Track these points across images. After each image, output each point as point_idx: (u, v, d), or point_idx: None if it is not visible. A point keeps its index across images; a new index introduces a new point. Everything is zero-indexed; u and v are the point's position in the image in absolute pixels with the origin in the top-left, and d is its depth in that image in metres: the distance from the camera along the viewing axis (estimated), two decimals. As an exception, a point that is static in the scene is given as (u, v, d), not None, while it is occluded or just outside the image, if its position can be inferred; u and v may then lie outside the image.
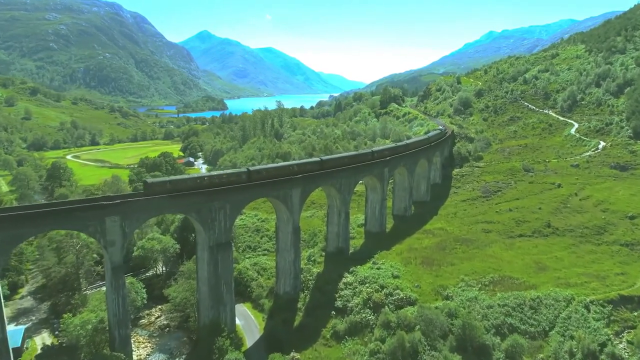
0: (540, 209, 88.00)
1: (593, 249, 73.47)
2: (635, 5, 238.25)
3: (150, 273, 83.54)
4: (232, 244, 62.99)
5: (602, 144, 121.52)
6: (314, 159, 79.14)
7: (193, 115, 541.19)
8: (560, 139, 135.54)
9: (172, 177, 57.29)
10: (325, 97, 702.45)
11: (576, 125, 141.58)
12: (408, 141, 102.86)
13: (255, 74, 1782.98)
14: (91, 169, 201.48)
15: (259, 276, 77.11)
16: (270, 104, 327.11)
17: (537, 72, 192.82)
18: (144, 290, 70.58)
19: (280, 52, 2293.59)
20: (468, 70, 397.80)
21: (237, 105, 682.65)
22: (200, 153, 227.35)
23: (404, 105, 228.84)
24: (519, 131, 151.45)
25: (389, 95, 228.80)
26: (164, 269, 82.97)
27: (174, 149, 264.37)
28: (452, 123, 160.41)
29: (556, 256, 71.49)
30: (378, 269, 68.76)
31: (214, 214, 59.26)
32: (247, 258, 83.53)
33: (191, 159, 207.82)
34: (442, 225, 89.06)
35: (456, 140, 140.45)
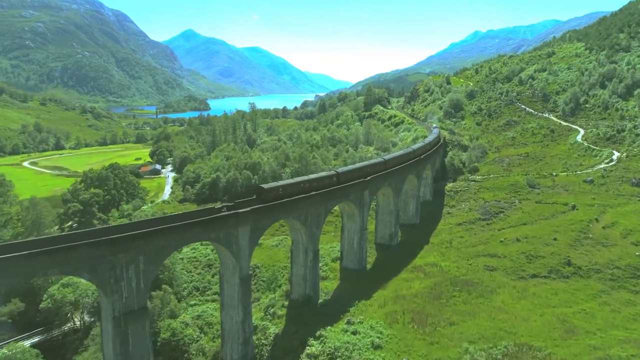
0: (555, 239, 71.53)
1: (631, 298, 57.16)
2: (629, 2, 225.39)
3: (67, 327, 65.54)
4: (149, 311, 45.42)
5: (616, 154, 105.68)
6: (378, 159, 75.98)
7: (173, 115, 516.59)
8: (565, 148, 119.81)
9: (282, 182, 56.55)
10: (311, 97, 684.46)
11: (582, 131, 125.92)
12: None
13: (240, 74, 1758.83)
14: (46, 178, 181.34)
15: (202, 335, 59.31)
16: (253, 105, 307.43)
17: (534, 71, 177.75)
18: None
19: (266, 52, 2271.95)
20: (454, 69, 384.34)
21: (221, 105, 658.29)
22: (170, 159, 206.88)
23: (389, 107, 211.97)
24: (518, 137, 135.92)
25: (373, 96, 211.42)
26: (83, 321, 65.18)
27: (144, 153, 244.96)
28: (442, 128, 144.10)
29: (584, 310, 55.09)
30: (354, 333, 51.53)
31: (119, 272, 41.63)
32: (190, 307, 65.69)
33: (157, 166, 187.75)
34: (435, 260, 72.31)
35: (448, 149, 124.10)
